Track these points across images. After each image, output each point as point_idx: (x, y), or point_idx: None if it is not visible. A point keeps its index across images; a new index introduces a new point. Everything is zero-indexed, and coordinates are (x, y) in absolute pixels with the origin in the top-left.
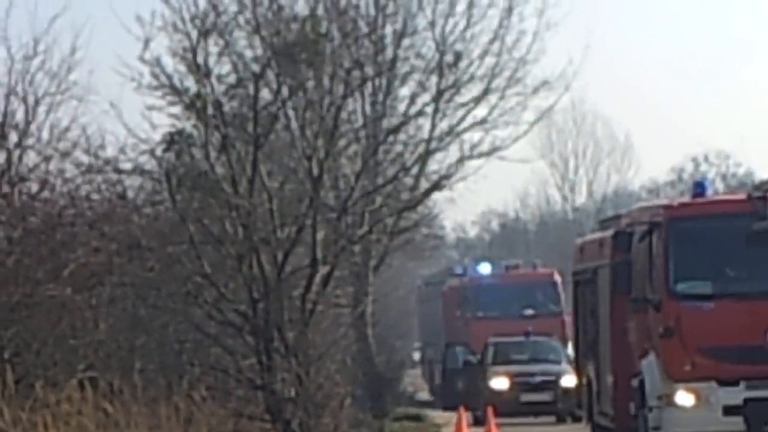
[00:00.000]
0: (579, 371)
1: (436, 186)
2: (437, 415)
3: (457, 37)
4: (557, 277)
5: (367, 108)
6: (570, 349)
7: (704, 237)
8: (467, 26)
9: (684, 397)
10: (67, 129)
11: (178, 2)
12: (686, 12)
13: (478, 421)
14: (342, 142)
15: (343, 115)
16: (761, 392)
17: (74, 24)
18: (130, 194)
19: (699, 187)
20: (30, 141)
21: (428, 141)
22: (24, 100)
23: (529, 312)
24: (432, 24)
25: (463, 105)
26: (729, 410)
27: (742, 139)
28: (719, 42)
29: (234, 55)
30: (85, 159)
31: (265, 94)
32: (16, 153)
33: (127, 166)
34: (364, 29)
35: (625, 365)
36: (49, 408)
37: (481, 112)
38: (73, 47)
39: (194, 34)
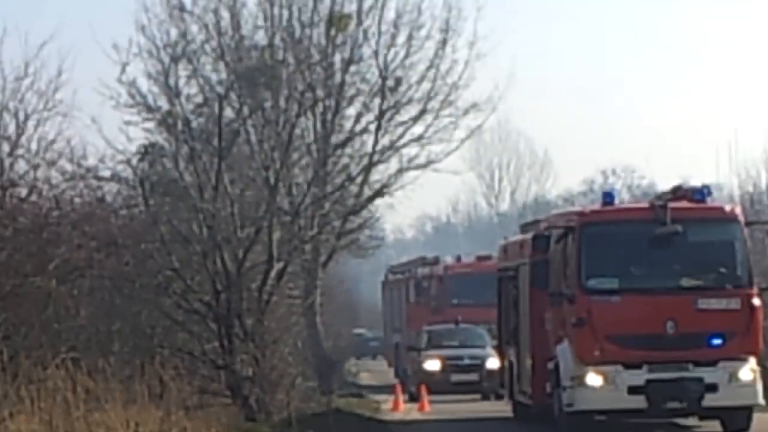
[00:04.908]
0: (502, 355)
1: (378, 193)
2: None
3: (398, 65)
4: None
5: (318, 125)
6: None
7: (612, 239)
8: (407, 55)
9: (593, 379)
10: (53, 141)
11: (151, 31)
12: (594, 46)
13: (413, 398)
14: (295, 155)
15: (297, 131)
16: (661, 374)
17: (60, 49)
18: (109, 198)
19: (608, 197)
20: (20, 151)
21: (371, 154)
22: (15, 115)
23: None
24: (376, 53)
25: (402, 123)
26: (633, 390)
27: (646, 154)
28: (623, 70)
29: (201, 78)
30: (69, 167)
31: (228, 113)
32: (8, 162)
33: (106, 173)
34: (316, 57)
35: (542, 350)
36: (35, 384)
37: (418, 129)
38: (60, 69)
39: (166, 59)
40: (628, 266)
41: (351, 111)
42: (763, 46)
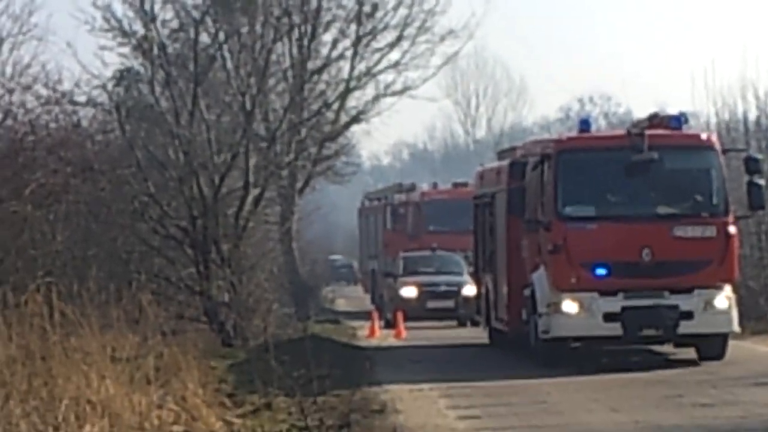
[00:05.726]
0: (478, 282)
1: (355, 120)
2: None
3: None
4: None
5: (294, 51)
6: None
7: (588, 167)
8: None
9: (569, 306)
10: (28, 65)
11: None
12: None
13: (389, 325)
14: (272, 81)
15: (273, 57)
16: (636, 301)
17: None
18: (85, 123)
19: (584, 124)
20: None
21: (348, 81)
22: None
23: None
24: None
25: (378, 50)
26: (608, 317)
27: (622, 82)
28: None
29: (177, 2)
30: (44, 92)
31: (204, 38)
32: None
33: (82, 98)
34: None
35: (518, 277)
36: (11, 309)
37: (394, 56)
38: None
39: None
40: (605, 194)
41: (327, 37)
42: None
